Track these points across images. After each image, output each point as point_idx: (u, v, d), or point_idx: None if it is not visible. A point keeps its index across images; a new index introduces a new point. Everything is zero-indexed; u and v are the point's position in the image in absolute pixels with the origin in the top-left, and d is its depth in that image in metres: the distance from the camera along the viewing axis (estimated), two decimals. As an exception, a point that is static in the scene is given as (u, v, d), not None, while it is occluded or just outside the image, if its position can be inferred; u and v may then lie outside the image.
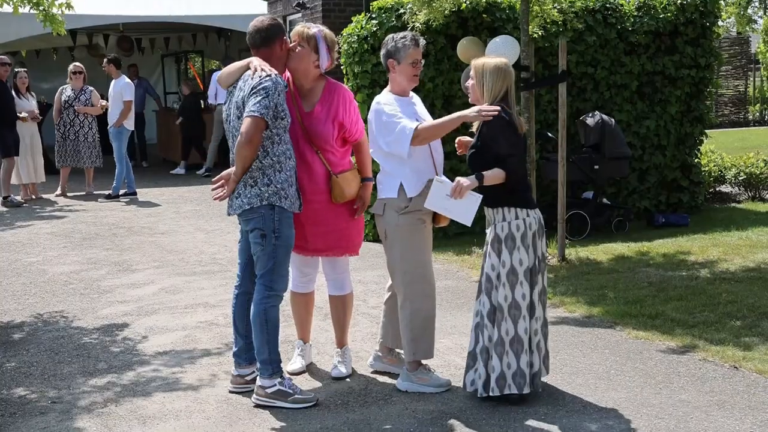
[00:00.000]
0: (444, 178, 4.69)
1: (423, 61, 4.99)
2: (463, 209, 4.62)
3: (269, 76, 4.52)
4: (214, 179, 4.72)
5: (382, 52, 4.94)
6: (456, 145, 4.99)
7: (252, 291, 4.79)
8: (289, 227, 4.65)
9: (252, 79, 4.54)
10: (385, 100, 4.90)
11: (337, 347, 5.31)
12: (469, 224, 4.68)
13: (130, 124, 12.76)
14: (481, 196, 4.63)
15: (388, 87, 5.00)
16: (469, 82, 4.77)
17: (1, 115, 11.66)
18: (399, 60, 4.86)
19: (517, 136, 4.65)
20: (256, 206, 4.56)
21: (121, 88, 12.58)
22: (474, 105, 4.75)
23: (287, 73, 4.93)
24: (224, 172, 4.68)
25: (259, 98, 4.45)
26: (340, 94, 4.94)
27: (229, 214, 4.77)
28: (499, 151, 4.58)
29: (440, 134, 4.82)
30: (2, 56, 12.21)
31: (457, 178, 4.56)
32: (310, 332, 5.41)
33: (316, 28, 4.87)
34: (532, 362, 4.64)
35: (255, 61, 4.65)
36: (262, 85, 4.48)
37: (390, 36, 4.96)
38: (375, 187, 5.05)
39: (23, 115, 12.22)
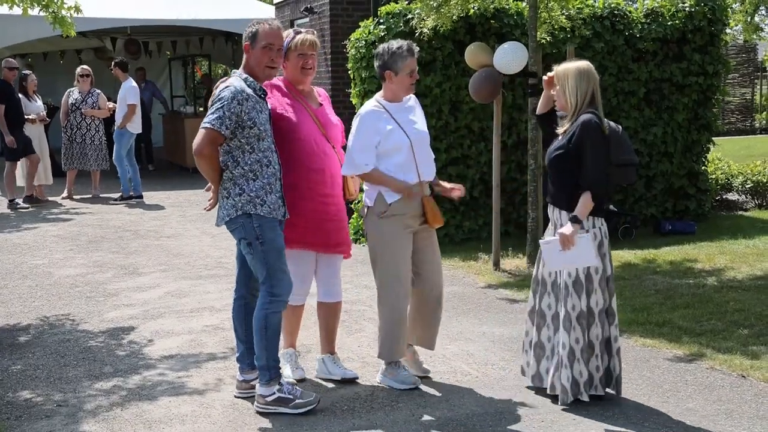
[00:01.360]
0: (547, 238, 4.72)
1: (416, 68, 5.03)
2: (583, 253, 4.58)
3: (228, 87, 4.49)
4: (206, 188, 4.79)
5: (377, 63, 4.98)
6: (546, 79, 4.89)
7: (247, 296, 4.82)
8: (272, 230, 4.57)
9: (215, 91, 4.56)
10: (371, 109, 4.97)
11: (325, 353, 5.23)
12: (596, 264, 4.62)
13: (135, 127, 12.75)
14: (589, 233, 4.61)
15: (381, 93, 5.07)
16: (554, 90, 4.78)
17: (9, 118, 11.68)
18: (396, 71, 4.92)
19: (606, 144, 4.64)
20: (234, 217, 4.54)
21: (126, 91, 12.61)
22: (561, 112, 4.79)
23: (277, 81, 4.96)
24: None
25: (213, 109, 4.46)
26: (326, 95, 5.21)
27: (217, 225, 4.72)
28: (587, 161, 4.58)
29: (384, 185, 4.92)
30: (10, 59, 12.25)
31: (558, 232, 4.60)
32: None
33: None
34: (599, 366, 4.70)
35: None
36: (219, 96, 4.49)
37: (383, 47, 4.98)
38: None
39: (32, 117, 12.26)
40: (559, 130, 4.77)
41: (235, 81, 4.54)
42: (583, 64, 4.72)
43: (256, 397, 4.66)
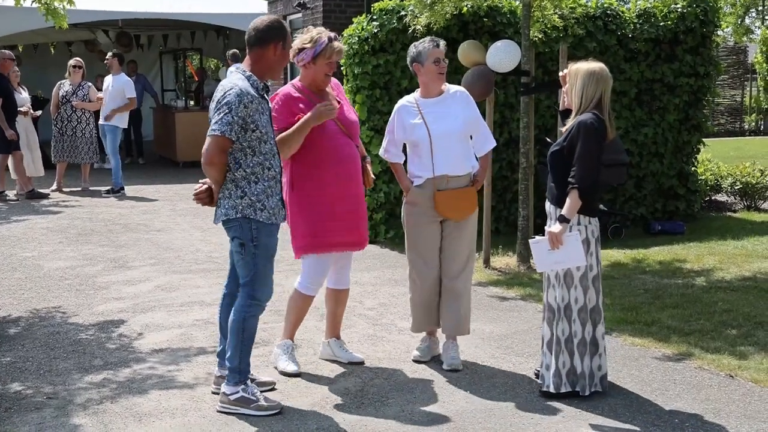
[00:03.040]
0: (536, 237, 4.77)
1: (447, 61, 5.33)
2: (571, 253, 4.62)
3: (233, 89, 4.37)
4: (196, 188, 4.64)
5: (408, 60, 5.33)
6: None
7: (237, 292, 4.77)
8: (268, 236, 4.54)
9: (219, 90, 4.44)
10: (402, 104, 5.35)
11: (331, 337, 5.43)
12: (583, 263, 4.67)
13: (123, 121, 12.80)
14: (578, 232, 4.65)
15: (418, 89, 5.40)
16: (564, 87, 4.82)
17: (5, 111, 11.63)
18: (422, 62, 5.22)
19: (601, 145, 4.64)
20: (233, 217, 4.50)
21: (123, 84, 12.67)
22: (567, 111, 4.82)
23: (295, 87, 5.02)
24: (208, 182, 4.59)
25: (222, 115, 4.34)
26: (338, 84, 5.30)
27: (215, 222, 4.67)
28: (576, 160, 4.61)
29: (397, 176, 5.43)
30: (8, 51, 12.21)
31: (547, 230, 4.66)
32: None
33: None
34: (575, 363, 4.75)
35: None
36: (226, 100, 4.35)
37: (412, 45, 5.34)
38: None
39: (24, 108, 12.22)
40: (563, 129, 4.80)
41: (239, 81, 4.43)
42: (596, 66, 4.71)
43: (221, 395, 4.62)
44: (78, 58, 13.39)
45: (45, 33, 17.39)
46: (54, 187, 12.91)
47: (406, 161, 5.46)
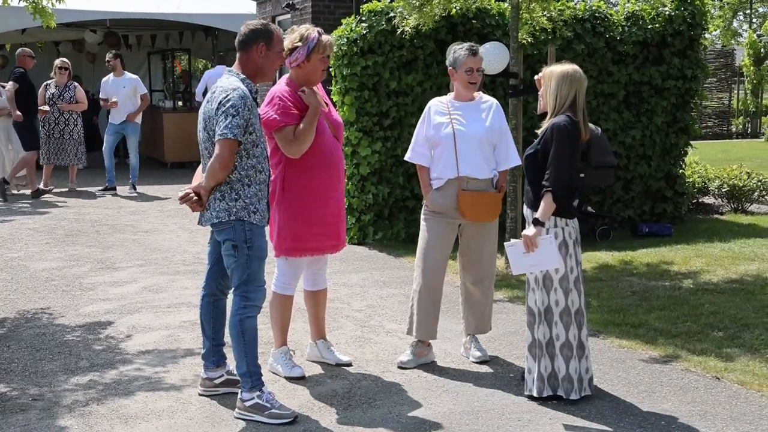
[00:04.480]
0: (512, 241, 4.79)
1: (482, 69, 5.40)
2: (546, 256, 4.63)
3: (236, 90, 4.36)
4: (180, 195, 4.57)
5: (447, 62, 5.43)
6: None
7: (217, 293, 4.79)
8: (260, 237, 4.55)
9: (219, 93, 4.41)
10: (434, 103, 5.46)
11: (318, 339, 5.42)
12: (560, 266, 4.68)
13: (139, 118, 12.96)
14: (553, 236, 4.66)
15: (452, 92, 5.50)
16: (540, 90, 4.84)
17: (28, 107, 11.69)
18: (456, 68, 5.35)
19: (574, 147, 4.66)
20: (225, 220, 4.48)
21: (135, 83, 12.75)
22: (544, 114, 4.83)
23: (288, 87, 4.98)
24: (191, 187, 4.55)
25: (230, 118, 4.30)
26: (323, 90, 5.23)
27: (201, 224, 4.66)
28: (550, 162, 4.62)
29: (420, 177, 5.43)
30: (27, 49, 12.27)
31: (522, 233, 4.68)
32: None
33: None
34: (560, 367, 4.75)
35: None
36: (231, 103, 4.32)
37: (451, 46, 5.46)
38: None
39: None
40: (539, 132, 4.81)
41: (238, 83, 4.43)
42: (570, 67, 4.73)
43: (238, 401, 4.59)
44: (64, 59, 13.32)
45: (32, 33, 17.30)
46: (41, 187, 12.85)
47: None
